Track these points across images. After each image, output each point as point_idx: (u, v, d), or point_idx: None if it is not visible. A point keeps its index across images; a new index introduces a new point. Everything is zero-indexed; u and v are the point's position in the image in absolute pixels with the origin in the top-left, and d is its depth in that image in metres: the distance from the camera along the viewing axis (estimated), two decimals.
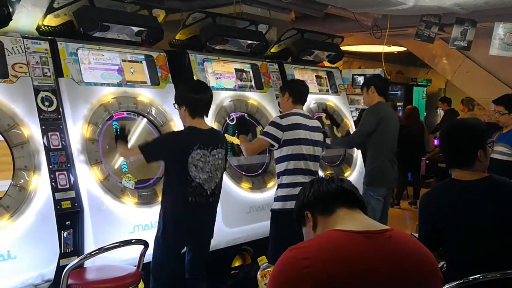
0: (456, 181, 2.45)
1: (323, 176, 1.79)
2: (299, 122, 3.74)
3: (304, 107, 4.87)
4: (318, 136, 3.88)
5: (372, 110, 4.54)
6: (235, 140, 4.21)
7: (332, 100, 5.35)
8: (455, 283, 2.31)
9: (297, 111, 3.81)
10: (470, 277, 2.29)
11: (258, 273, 2.04)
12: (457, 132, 2.48)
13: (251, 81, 4.68)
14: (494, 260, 2.37)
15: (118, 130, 3.44)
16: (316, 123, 3.94)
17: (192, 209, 3.16)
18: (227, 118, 4.32)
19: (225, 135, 4.04)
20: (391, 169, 4.55)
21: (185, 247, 3.37)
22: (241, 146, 3.95)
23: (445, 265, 2.54)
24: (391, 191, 4.83)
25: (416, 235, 3.37)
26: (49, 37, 3.42)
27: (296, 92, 3.88)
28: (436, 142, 9.42)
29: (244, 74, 4.66)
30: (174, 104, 3.32)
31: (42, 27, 3.48)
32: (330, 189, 1.68)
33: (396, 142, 4.65)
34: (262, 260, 1.96)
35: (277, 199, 3.73)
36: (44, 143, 3.16)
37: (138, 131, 3.76)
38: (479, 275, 2.30)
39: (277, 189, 3.78)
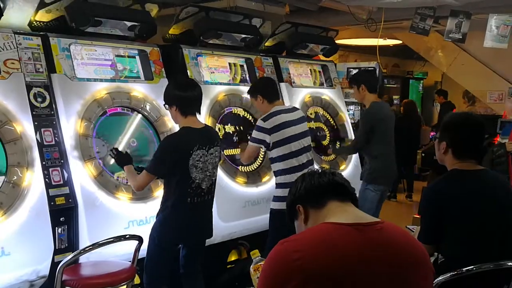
0: (461, 170, 2.49)
1: (315, 169, 1.79)
2: (283, 120, 3.73)
3: (300, 102, 4.91)
4: (304, 127, 3.89)
5: (369, 113, 4.48)
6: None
7: (327, 94, 5.34)
8: (449, 274, 2.32)
9: (278, 109, 3.79)
10: (464, 269, 2.30)
11: (251, 266, 2.04)
12: (474, 125, 2.53)
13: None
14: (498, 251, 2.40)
15: (116, 154, 3.30)
16: (299, 114, 3.93)
17: (190, 210, 3.11)
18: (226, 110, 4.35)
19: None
20: (392, 167, 4.55)
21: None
22: (240, 155, 4.10)
23: (440, 258, 2.53)
24: (391, 185, 4.81)
25: (411, 227, 3.39)
26: (41, 33, 3.39)
27: (266, 91, 3.84)
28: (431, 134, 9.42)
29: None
30: (164, 105, 3.26)
31: (34, 22, 3.46)
32: (322, 183, 1.68)
33: (393, 139, 4.60)
34: (255, 254, 1.96)
35: (274, 199, 3.76)
36: (37, 139, 3.14)
37: (132, 126, 3.75)
38: (472, 266, 2.31)
39: (276, 188, 3.84)
